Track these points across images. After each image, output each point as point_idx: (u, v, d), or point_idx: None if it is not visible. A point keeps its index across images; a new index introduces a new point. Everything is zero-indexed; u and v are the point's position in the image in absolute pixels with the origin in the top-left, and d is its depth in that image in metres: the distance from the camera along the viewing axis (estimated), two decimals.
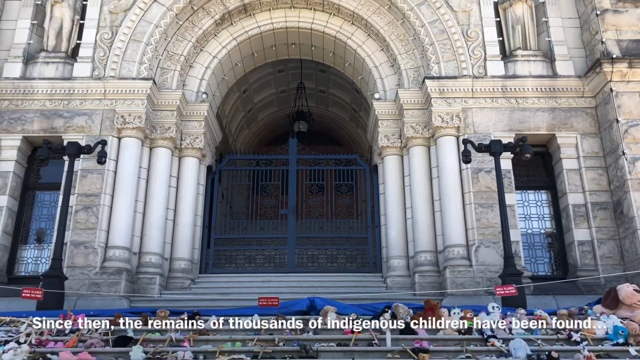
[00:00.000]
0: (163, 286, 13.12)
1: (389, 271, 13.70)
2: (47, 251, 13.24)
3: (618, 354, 8.22)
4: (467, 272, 12.27)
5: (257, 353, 8.27)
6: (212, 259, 14.87)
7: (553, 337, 8.91)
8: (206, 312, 10.14)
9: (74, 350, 8.38)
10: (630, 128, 12.55)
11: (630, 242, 12.04)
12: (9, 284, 12.33)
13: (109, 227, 12.80)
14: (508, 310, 9.96)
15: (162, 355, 8.23)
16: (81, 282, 12.11)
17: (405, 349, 8.27)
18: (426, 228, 13.36)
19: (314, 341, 8.72)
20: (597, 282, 12.12)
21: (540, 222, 13.82)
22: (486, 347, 8.47)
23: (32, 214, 13.84)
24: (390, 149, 14.45)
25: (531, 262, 13.32)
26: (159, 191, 13.63)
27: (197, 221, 14.50)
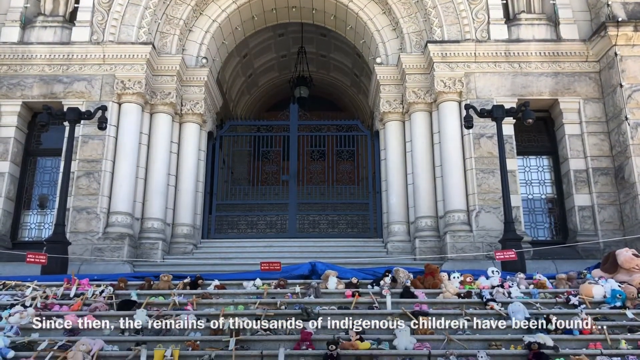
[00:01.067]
0: (166, 251, 13.24)
1: (389, 236, 13.79)
2: (50, 217, 13.33)
3: (615, 317, 8.36)
4: (467, 237, 12.34)
5: (259, 316, 8.40)
6: (214, 225, 14.97)
7: (551, 300, 9.04)
8: (209, 277, 10.28)
9: (79, 314, 8.54)
10: (634, 93, 12.44)
11: (631, 208, 12.08)
12: (13, 249, 12.46)
13: (111, 192, 12.85)
14: (507, 274, 10.08)
15: (165, 318, 8.36)
16: (84, 247, 12.22)
17: (405, 312, 8.41)
18: (427, 194, 13.39)
19: (315, 304, 8.86)
20: (596, 247, 12.21)
21: (541, 188, 13.84)
22: (485, 311, 8.61)
23: (34, 180, 13.87)
24: (392, 115, 14.37)
25: (531, 227, 13.39)
26: (160, 157, 13.63)
27: (199, 187, 14.55)
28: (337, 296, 9.36)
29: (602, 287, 9.08)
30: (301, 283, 9.83)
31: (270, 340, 7.68)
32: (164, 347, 7.28)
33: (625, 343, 7.48)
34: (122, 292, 9.55)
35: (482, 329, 8.00)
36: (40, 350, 7.34)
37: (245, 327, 7.97)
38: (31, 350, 7.42)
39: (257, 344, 7.62)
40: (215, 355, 7.21)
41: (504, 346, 7.51)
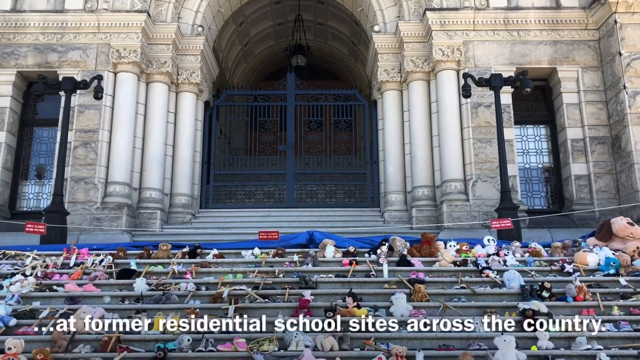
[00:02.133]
0: (164, 221, 13.30)
1: (386, 206, 13.86)
2: (48, 187, 13.35)
3: (608, 284, 8.47)
4: (463, 206, 12.42)
5: (257, 284, 8.50)
6: (212, 195, 15.01)
7: (546, 268, 9.15)
8: (207, 246, 10.36)
9: (79, 282, 8.63)
10: (633, 61, 12.37)
11: (627, 176, 12.14)
12: (12, 219, 12.50)
13: (109, 163, 12.84)
14: (503, 243, 10.17)
15: (165, 286, 8.47)
16: (83, 217, 12.28)
17: (401, 280, 8.51)
18: (424, 163, 13.41)
19: (313, 273, 8.96)
20: (591, 216, 12.30)
21: (538, 157, 13.88)
22: (481, 278, 8.72)
23: (31, 150, 13.85)
24: (390, 84, 14.29)
25: (528, 196, 13.47)
26: (157, 127, 13.58)
27: (196, 157, 14.55)
28: (334, 264, 9.46)
29: (596, 255, 9.18)
30: (299, 252, 9.91)
31: (269, 307, 7.78)
32: (163, 315, 7.37)
33: (618, 309, 7.59)
34: (121, 261, 9.63)
35: (478, 296, 8.12)
36: (42, 318, 7.43)
37: (244, 295, 8.08)
38: (33, 318, 7.51)
39: (256, 312, 7.71)
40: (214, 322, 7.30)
41: (499, 313, 7.61)
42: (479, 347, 6.72)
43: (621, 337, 7.00)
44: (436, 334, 7.06)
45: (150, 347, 6.80)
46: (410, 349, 6.58)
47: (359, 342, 6.90)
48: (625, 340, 6.95)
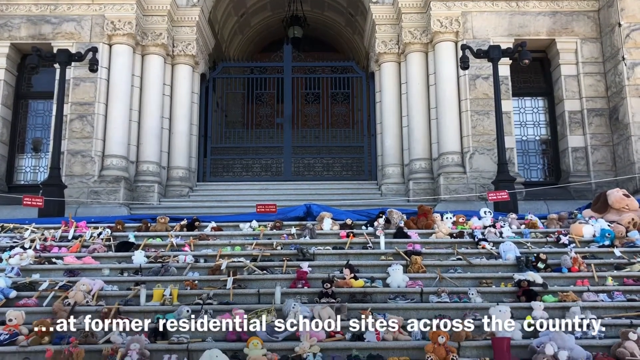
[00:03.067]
0: (162, 194, 13.32)
1: (383, 179, 13.89)
2: (45, 160, 13.32)
3: (603, 255, 8.56)
4: (460, 179, 12.44)
5: (255, 256, 8.56)
6: (210, 168, 15.01)
7: (542, 240, 9.23)
8: (205, 219, 10.40)
9: (78, 255, 8.67)
10: (632, 32, 12.27)
11: (624, 148, 12.15)
12: (9, 193, 12.49)
13: (105, 136, 12.80)
14: (499, 215, 10.23)
15: (163, 259, 8.52)
16: (80, 190, 12.28)
17: (398, 252, 8.57)
18: (422, 136, 13.39)
19: (310, 245, 9.02)
20: (588, 188, 12.35)
21: (535, 129, 13.86)
22: (477, 250, 8.79)
23: (27, 123, 13.78)
24: (388, 56, 14.18)
25: (524, 168, 13.50)
26: (153, 99, 13.50)
27: (193, 130, 14.50)
28: (331, 237, 9.51)
29: (592, 227, 9.25)
30: (297, 224, 9.96)
31: (267, 279, 7.85)
32: (162, 287, 7.44)
33: (612, 280, 7.69)
34: (119, 234, 9.66)
35: (474, 268, 8.20)
36: (41, 291, 7.48)
37: (242, 267, 8.15)
38: (33, 290, 7.56)
39: (254, 283, 7.79)
40: (213, 294, 7.37)
41: (494, 284, 7.71)
42: (475, 317, 6.80)
43: (614, 307, 7.09)
44: (432, 305, 7.14)
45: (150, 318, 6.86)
46: (407, 319, 6.66)
47: (356, 313, 6.98)
48: (619, 310, 7.04)
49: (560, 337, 5.98)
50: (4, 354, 6.15)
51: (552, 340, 5.93)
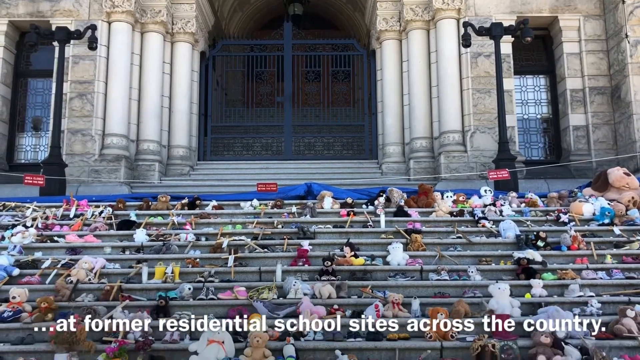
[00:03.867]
0: (162, 173, 13.33)
1: (384, 158, 13.88)
2: (45, 139, 13.31)
3: (603, 234, 8.58)
4: (461, 158, 12.43)
5: (256, 235, 8.60)
6: (210, 147, 14.98)
7: (542, 218, 9.25)
8: (206, 197, 10.42)
9: (80, 234, 8.71)
10: (636, 9, 12.13)
11: (625, 127, 12.12)
12: (10, 171, 12.50)
13: (105, 114, 12.76)
14: (500, 193, 10.24)
15: (165, 237, 8.56)
16: (81, 169, 12.29)
17: (398, 230, 8.60)
18: (423, 114, 13.35)
19: (311, 224, 9.05)
20: (588, 166, 12.35)
21: (536, 108, 13.81)
22: (477, 228, 8.81)
23: (27, 102, 13.75)
24: (389, 33, 14.06)
25: (525, 147, 13.48)
26: (153, 78, 13.42)
27: (193, 109, 14.45)
28: (332, 215, 9.54)
29: (592, 205, 9.26)
30: (297, 203, 9.98)
31: (268, 257, 7.90)
32: (164, 265, 7.49)
33: (611, 258, 7.72)
34: (121, 212, 9.70)
35: (473, 246, 8.24)
36: (44, 268, 7.54)
37: (243, 245, 8.19)
38: (35, 268, 7.62)
39: (255, 261, 7.84)
40: (214, 271, 7.42)
41: (494, 262, 7.75)
42: (474, 294, 6.86)
43: (613, 284, 7.15)
44: (432, 282, 7.20)
45: (152, 296, 6.93)
46: (407, 296, 6.72)
47: (356, 290, 7.04)
48: (617, 287, 7.09)
49: (558, 314, 6.04)
50: (8, 330, 6.23)
51: (550, 317, 5.98)
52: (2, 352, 5.84)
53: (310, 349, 5.84)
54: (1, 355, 5.79)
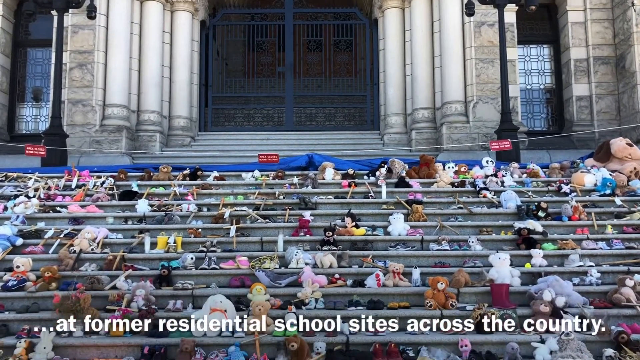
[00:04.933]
0: (163, 143, 13.31)
1: (386, 128, 13.82)
2: (46, 109, 13.28)
3: (604, 204, 8.59)
4: (463, 128, 12.38)
5: (258, 205, 8.62)
6: (211, 118, 14.93)
7: (544, 189, 9.25)
8: (208, 168, 10.43)
9: (82, 204, 8.74)
10: None
11: (629, 97, 12.03)
12: (11, 142, 12.50)
13: (105, 84, 12.68)
14: (502, 164, 10.22)
15: (167, 207, 8.58)
16: (82, 139, 12.27)
17: (399, 201, 8.62)
18: (425, 85, 13.24)
19: (312, 194, 9.06)
20: (591, 137, 12.31)
21: (540, 78, 13.71)
22: (478, 199, 8.82)
23: (26, 72, 13.68)
24: (392, 2, 13.86)
25: (528, 117, 13.43)
26: (153, 47, 13.29)
27: (194, 79, 14.34)
28: (333, 186, 9.54)
29: (593, 176, 9.25)
30: (299, 174, 9.98)
31: (270, 227, 7.93)
32: (166, 235, 7.53)
33: (611, 228, 7.74)
34: (122, 183, 9.71)
35: (474, 216, 8.26)
36: (47, 238, 7.59)
37: (245, 215, 8.22)
38: (38, 238, 7.67)
39: (257, 232, 7.88)
40: (216, 241, 7.47)
41: (494, 232, 7.77)
42: (474, 264, 6.91)
43: (612, 254, 7.18)
44: (432, 252, 7.24)
45: (155, 266, 6.99)
46: (407, 266, 6.77)
47: (357, 260, 7.09)
48: (617, 257, 7.13)
49: (558, 284, 6.08)
50: (13, 299, 6.30)
51: (550, 286, 6.03)
52: (7, 320, 5.92)
53: (311, 317, 5.90)
54: (7, 323, 5.87)
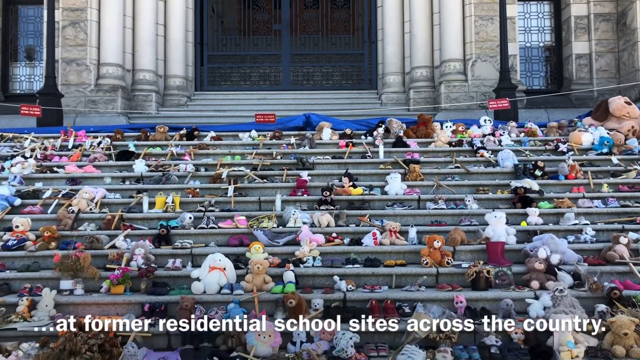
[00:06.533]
0: (159, 103, 13.20)
1: (384, 88, 13.71)
2: (39, 69, 13.11)
3: (601, 163, 8.62)
4: (462, 87, 12.28)
5: (256, 166, 8.63)
6: (207, 77, 14.76)
7: (541, 148, 9.26)
8: (204, 128, 10.38)
9: (79, 164, 8.73)
10: None
11: (629, 55, 11.91)
12: (6, 102, 12.37)
13: (99, 43, 12.47)
14: (499, 123, 10.20)
15: (164, 167, 8.58)
16: (77, 99, 12.14)
17: (396, 160, 8.63)
18: (424, 43, 13.06)
19: (310, 155, 9.06)
20: (589, 96, 12.24)
21: (540, 35, 13.53)
22: (475, 158, 8.83)
23: (18, 30, 13.43)
24: None
25: (527, 76, 13.32)
26: (147, 5, 13.00)
27: (189, 37, 14.08)
28: (331, 146, 9.53)
29: (591, 135, 9.24)
30: (296, 134, 9.95)
31: (267, 187, 7.96)
32: (164, 195, 7.55)
33: (607, 187, 7.79)
34: (119, 143, 9.68)
35: (471, 176, 8.28)
36: (45, 198, 7.61)
37: (243, 176, 8.23)
38: (36, 198, 7.69)
39: (255, 192, 7.91)
40: (214, 201, 7.50)
41: (491, 191, 7.82)
42: (470, 222, 6.97)
43: (607, 212, 7.24)
44: (429, 211, 7.30)
45: (153, 225, 7.04)
46: (404, 225, 6.83)
47: (355, 219, 7.15)
48: (612, 215, 7.19)
49: (553, 242, 6.15)
50: (13, 258, 6.37)
51: (545, 244, 6.10)
52: (9, 278, 6.00)
53: (309, 275, 6.00)
54: (8, 281, 5.94)
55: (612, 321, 4.81)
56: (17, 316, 5.29)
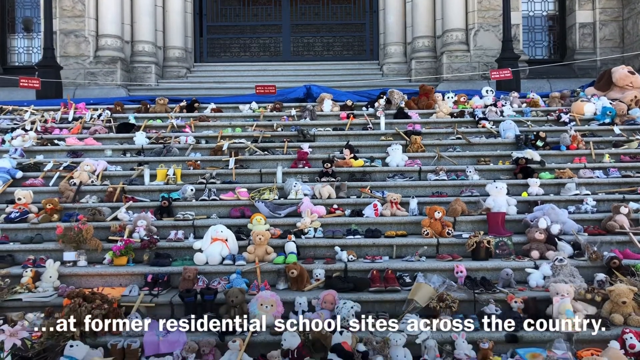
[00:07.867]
0: (159, 75, 13.11)
1: (385, 58, 13.58)
2: (38, 40, 12.98)
3: (603, 133, 8.59)
4: (464, 57, 12.16)
5: (256, 137, 8.61)
6: (207, 48, 14.62)
7: (543, 118, 9.21)
8: (205, 100, 10.32)
9: (80, 137, 8.71)
10: None
11: (634, 23, 11.75)
12: (4, 74, 12.28)
13: (97, 14, 12.32)
14: (502, 93, 10.13)
15: (165, 140, 8.57)
16: (77, 71, 12.06)
17: (397, 132, 8.60)
18: (426, 12, 12.89)
19: (311, 126, 9.03)
20: (592, 65, 12.12)
21: (542, 4, 13.33)
22: (476, 129, 8.80)
23: (15, 1, 13.23)
24: None
25: (530, 46, 13.16)
26: None
27: (187, 7, 13.92)
28: (332, 118, 9.50)
29: (593, 105, 9.18)
30: (297, 106, 9.90)
31: (268, 159, 7.95)
32: (165, 167, 7.56)
33: (609, 157, 7.77)
34: (119, 115, 9.65)
35: (473, 146, 8.27)
36: (46, 171, 7.62)
37: (244, 148, 8.22)
38: (38, 171, 7.70)
39: (256, 164, 7.90)
40: (216, 173, 7.51)
41: (492, 162, 7.81)
42: (471, 193, 6.98)
43: (609, 182, 7.24)
44: (430, 182, 7.30)
45: (155, 197, 7.06)
46: (405, 196, 6.84)
47: (356, 191, 7.16)
48: (613, 185, 7.20)
49: (553, 212, 6.17)
50: (17, 230, 6.40)
51: (545, 214, 6.12)
52: (13, 250, 6.04)
53: (310, 246, 6.03)
54: (12, 253, 5.99)
55: (611, 290, 4.85)
56: (21, 287, 5.35)
